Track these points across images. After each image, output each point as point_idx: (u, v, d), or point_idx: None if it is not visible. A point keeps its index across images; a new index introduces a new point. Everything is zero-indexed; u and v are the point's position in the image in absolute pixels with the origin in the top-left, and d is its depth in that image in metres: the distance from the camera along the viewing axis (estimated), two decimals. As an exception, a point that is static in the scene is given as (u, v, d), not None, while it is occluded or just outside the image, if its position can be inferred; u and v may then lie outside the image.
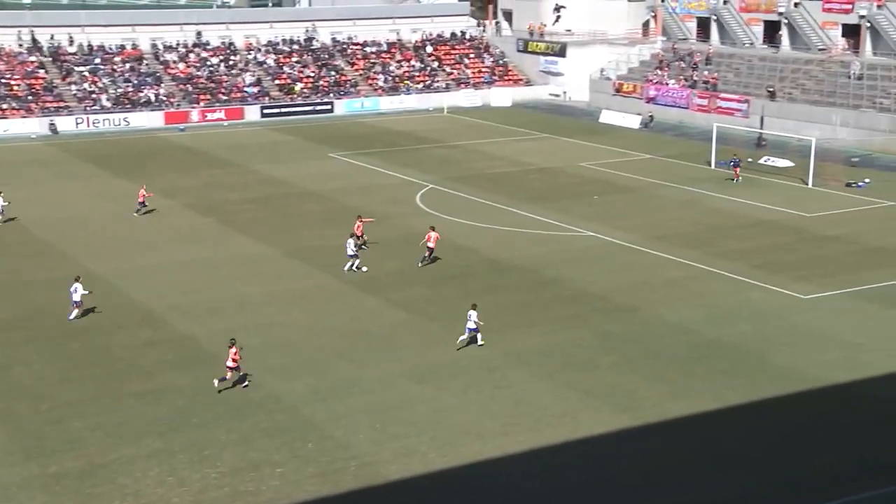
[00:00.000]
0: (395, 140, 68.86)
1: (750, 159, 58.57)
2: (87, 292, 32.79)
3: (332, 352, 30.28)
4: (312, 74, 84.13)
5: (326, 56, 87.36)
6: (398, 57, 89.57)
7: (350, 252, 37.47)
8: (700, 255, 40.01)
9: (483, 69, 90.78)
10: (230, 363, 27.56)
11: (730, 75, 75.77)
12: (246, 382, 27.83)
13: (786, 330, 31.69)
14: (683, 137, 69.56)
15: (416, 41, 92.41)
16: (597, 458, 24.19)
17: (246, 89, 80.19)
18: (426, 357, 29.77)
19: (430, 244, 38.38)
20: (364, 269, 37.67)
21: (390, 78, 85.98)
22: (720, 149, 59.11)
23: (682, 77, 77.51)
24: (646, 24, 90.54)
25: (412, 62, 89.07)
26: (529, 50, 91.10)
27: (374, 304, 34.50)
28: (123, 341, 31.18)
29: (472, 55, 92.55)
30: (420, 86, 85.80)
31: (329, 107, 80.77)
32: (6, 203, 45.87)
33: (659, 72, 79.62)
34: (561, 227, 44.68)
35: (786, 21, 78.45)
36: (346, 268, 37.47)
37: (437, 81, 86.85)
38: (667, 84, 77.82)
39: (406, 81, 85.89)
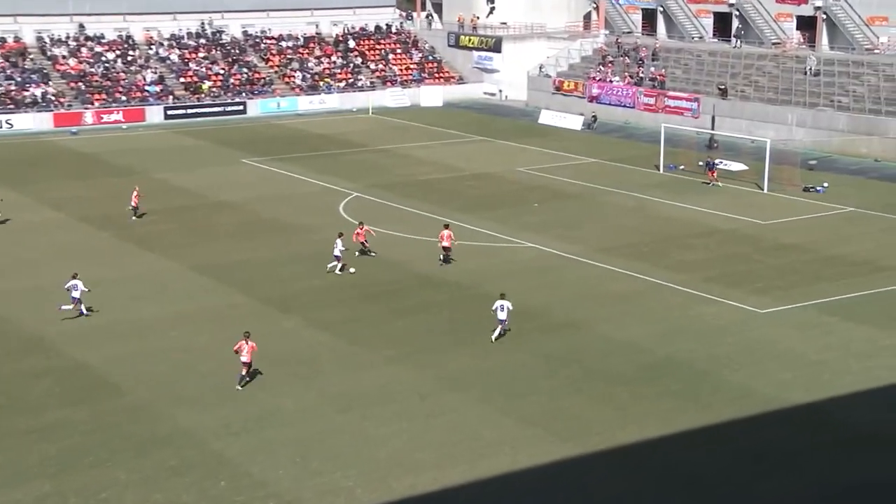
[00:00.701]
0: (315, 144, 68.60)
1: (701, 162, 59.65)
2: (86, 290, 34.57)
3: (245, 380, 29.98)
4: (222, 72, 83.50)
5: (237, 51, 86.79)
6: (317, 52, 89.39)
7: (337, 252, 39.14)
8: (649, 266, 40.59)
9: (411, 66, 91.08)
10: (245, 358, 29.09)
11: (678, 72, 77.16)
12: (252, 379, 29.50)
13: (741, 347, 32.29)
14: (629, 139, 70.58)
15: (338, 35, 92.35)
16: (539, 491, 24.32)
17: (147, 88, 79.22)
18: (351, 383, 29.67)
19: (445, 243, 40.07)
20: (352, 270, 39.32)
21: (309, 76, 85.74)
22: (669, 151, 60.09)
23: (627, 74, 78.71)
24: (587, 17, 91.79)
25: (333, 58, 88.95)
26: (461, 45, 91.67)
27: (294, 326, 34.29)
28: (7, 372, 30.49)
29: (399, 50, 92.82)
30: (342, 84, 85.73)
31: (241, 108, 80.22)
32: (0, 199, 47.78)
33: (602, 68, 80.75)
34: (498, 237, 44.93)
35: (737, 13, 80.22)
36: (328, 267, 39.36)
37: (361, 79, 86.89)
38: (611, 81, 78.95)
39: (326, 79, 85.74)
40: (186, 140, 69.63)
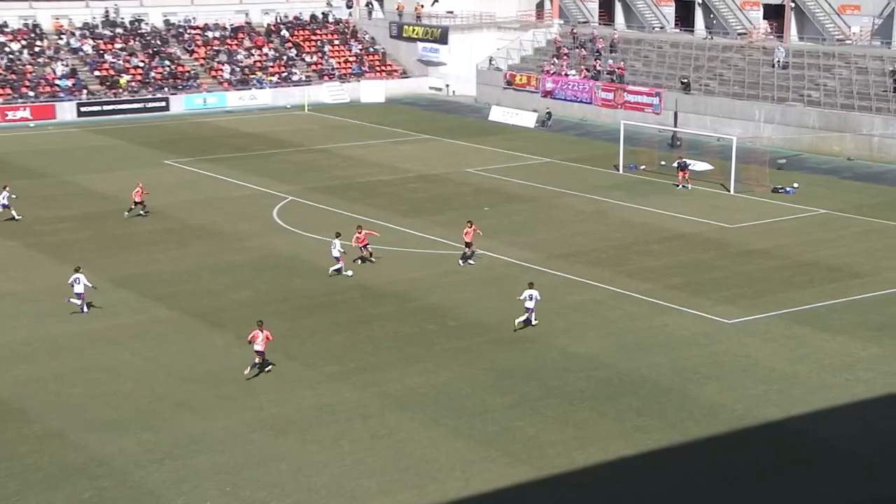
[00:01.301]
0: (245, 143, 68.23)
1: (663, 162, 60.26)
2: (91, 286, 36.33)
3: (171, 401, 29.71)
4: (142, 64, 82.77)
5: (159, 42, 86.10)
6: (247, 44, 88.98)
7: (336, 254, 40.24)
8: (609, 275, 40.90)
9: (350, 58, 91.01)
10: (259, 347, 30.73)
11: (638, 64, 77.92)
12: (269, 368, 31.28)
13: (708, 360, 32.64)
14: (586, 137, 71.09)
15: (269, 25, 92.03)
16: (494, 519, 24.37)
17: (57, 82, 78.22)
18: (287, 404, 29.52)
19: (467, 239, 41.26)
20: (349, 273, 40.28)
21: (238, 69, 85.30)
22: (629, 150, 60.63)
23: (583, 67, 79.33)
24: (540, 6, 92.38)
25: (265, 50, 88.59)
26: (405, 36, 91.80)
27: (224, 342, 34.05)
28: None
29: (336, 42, 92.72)
30: (275, 79, 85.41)
31: (163, 104, 79.60)
32: (13, 196, 48.91)
33: (557, 61, 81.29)
34: (446, 244, 45.00)
35: (700, 1, 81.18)
36: (330, 271, 40.47)
37: (296, 73, 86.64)
38: (566, 75, 79.49)
39: (258, 73, 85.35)
40: (102, 140, 68.87)
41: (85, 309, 36.30)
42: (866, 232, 47.23)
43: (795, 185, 55.24)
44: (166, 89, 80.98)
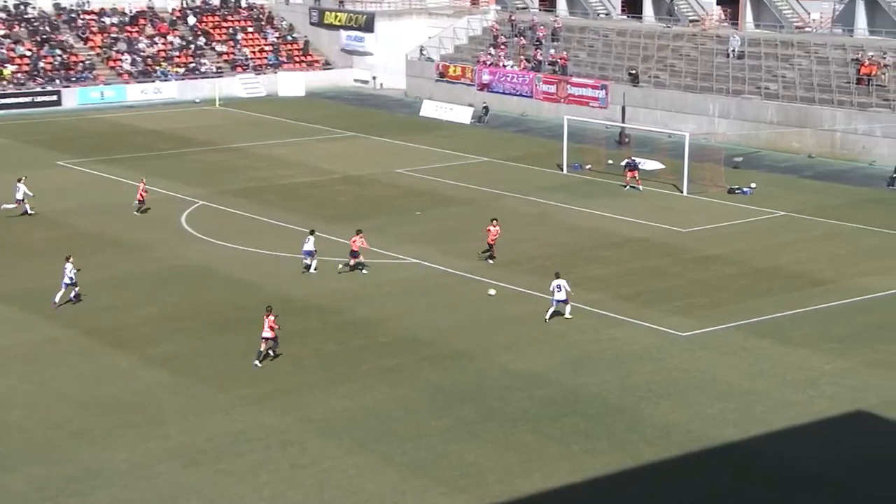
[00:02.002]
0: (149, 142, 67.60)
1: (611, 161, 60.74)
2: (77, 270, 38.42)
3: (66, 431, 29.30)
4: (29, 53, 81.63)
5: (48, 29, 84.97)
6: (150, 31, 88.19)
7: (308, 247, 41.94)
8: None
9: (266, 48, 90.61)
10: (267, 333, 32.93)
11: (582, 54, 78.51)
12: (276, 356, 33.44)
13: (661, 377, 32.92)
14: (527, 134, 71.43)
15: (175, 10, 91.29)
16: (429, 554, 24.36)
17: (-64, 74, 76.92)
18: (199, 431, 29.26)
19: (489, 240, 42.75)
20: (365, 270, 41.88)
21: (140, 59, 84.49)
22: (573, 148, 61.03)
23: (522, 57, 79.73)
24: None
25: (170, 38, 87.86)
26: (326, 23, 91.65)
27: (126, 363, 33.69)
28: None
29: (250, 29, 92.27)
30: (181, 70, 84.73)
31: (55, 98, 78.62)
32: (30, 195, 50.29)
33: (494, 51, 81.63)
34: (375, 252, 44.95)
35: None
36: (339, 268, 42.24)
37: (205, 64, 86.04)
38: (504, 66, 79.85)
39: (162, 64, 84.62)
40: (-11, 138, 67.88)
41: (74, 297, 38.17)
42: (829, 235, 47.99)
43: (753, 185, 55.95)
44: (58, 81, 79.96)
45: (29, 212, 49.88)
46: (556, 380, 32.49)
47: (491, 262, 43.12)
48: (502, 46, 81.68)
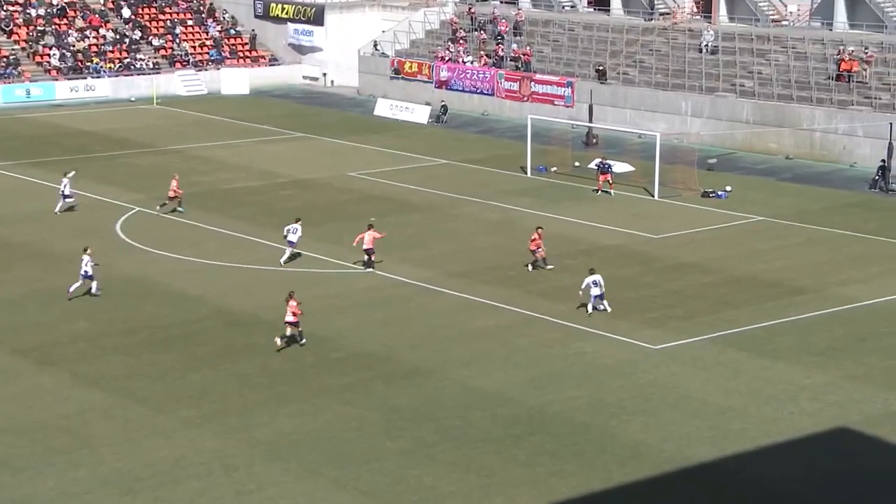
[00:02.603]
0: (81, 144, 67.16)
1: (577, 163, 60.95)
2: (96, 265, 40.23)
3: (-6, 456, 29.01)
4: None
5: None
6: (80, 24, 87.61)
7: (292, 238, 44.02)
8: (517, 295, 41.15)
9: (208, 42, 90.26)
10: (290, 318, 35.24)
11: (547, 49, 78.75)
12: (303, 340, 35.72)
13: (632, 393, 33.01)
14: (489, 135, 71.53)
15: (107, 1, 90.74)
16: (385, 586, 24.26)
17: None
18: (136, 456, 29.04)
19: (531, 247, 43.38)
20: (283, 260, 44.07)
21: (70, 54, 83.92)
22: (538, 150, 61.16)
23: (483, 53, 79.85)
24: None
25: (102, 31, 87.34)
26: (272, 15, 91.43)
27: (55, 384, 33.38)
28: None
29: (190, 22, 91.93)
30: (115, 66, 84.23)
31: (-22, 96, 77.94)
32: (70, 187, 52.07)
33: (452, 46, 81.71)
34: (326, 261, 44.82)
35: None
36: (282, 260, 44.24)
37: (141, 60, 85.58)
38: (463, 62, 79.94)
39: (94, 59, 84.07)
40: None
41: (94, 290, 40.28)
42: (808, 241, 48.36)
43: (728, 188, 56.26)
44: (-20, 79, 79.33)
45: (73, 207, 52.06)
46: (521, 398, 32.50)
47: (535, 266, 43.61)
48: (461, 41, 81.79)
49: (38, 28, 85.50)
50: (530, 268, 43.67)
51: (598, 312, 38.88)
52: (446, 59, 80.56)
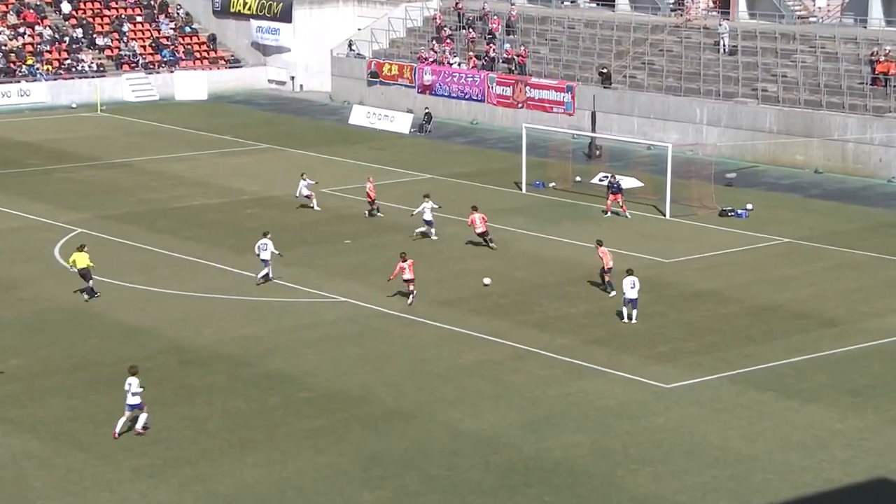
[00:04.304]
0: (13, 156, 67.07)
1: (579, 178, 61.01)
2: (277, 253, 45.32)
3: (-84, 512, 28.88)
4: None
5: None
6: (12, 20, 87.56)
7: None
8: (510, 326, 41.15)
9: (161, 41, 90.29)
10: (408, 275, 41.82)
11: (544, 50, 78.90)
12: (412, 298, 42.15)
13: (641, 439, 32.99)
14: (478, 146, 71.60)
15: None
16: None
17: None
18: (79, 511, 28.98)
19: (606, 264, 44.29)
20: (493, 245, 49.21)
21: (1, 54, 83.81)
22: (534, 162, 61.21)
23: (472, 54, 79.98)
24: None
25: (38, 29, 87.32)
26: (233, 11, 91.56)
27: (-11, 428, 33.28)
28: None
29: (140, 18, 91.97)
30: (54, 68, 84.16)
31: None
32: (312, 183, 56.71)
33: (438, 46, 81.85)
34: (295, 289, 44.77)
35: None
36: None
37: (84, 61, 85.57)
38: (450, 65, 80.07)
39: (30, 61, 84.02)
40: None
41: (261, 275, 45.32)
42: (840, 267, 48.43)
43: (749, 206, 56.36)
44: None
45: (315, 207, 55.96)
46: (515, 443, 32.48)
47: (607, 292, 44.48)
48: (448, 41, 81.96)
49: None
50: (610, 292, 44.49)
51: (602, 345, 38.88)
52: (430, 60, 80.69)
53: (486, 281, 45.05)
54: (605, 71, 72.99)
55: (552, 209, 56.83)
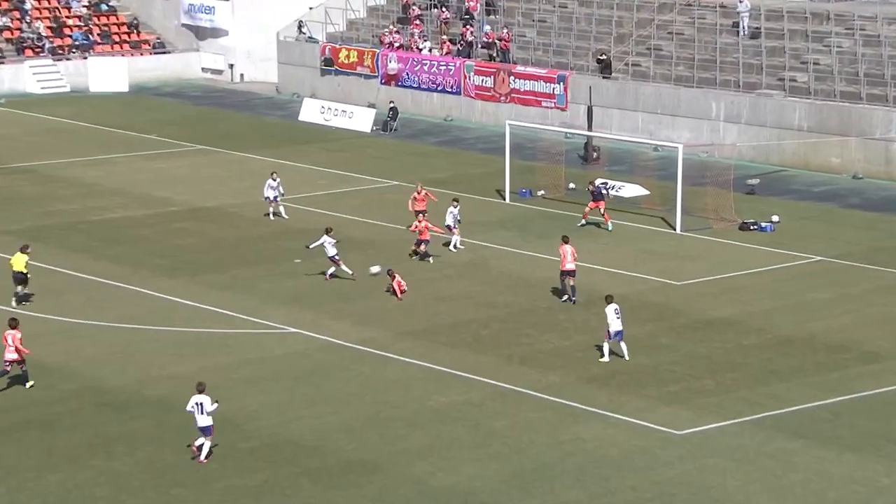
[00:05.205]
0: None
1: (572, 185, 60.98)
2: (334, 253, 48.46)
3: None
4: None
5: None
6: None
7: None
8: (492, 362, 41.13)
9: (70, 21, 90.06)
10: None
11: (531, 33, 78.99)
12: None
13: (648, 495, 32.97)
14: (453, 146, 71.64)
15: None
16: None
17: None
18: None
19: (563, 265, 46.40)
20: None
21: None
22: (520, 167, 61.20)
23: (446, 38, 80.00)
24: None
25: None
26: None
27: None
28: None
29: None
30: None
31: None
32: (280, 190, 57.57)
33: (404, 28, 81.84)
34: (236, 318, 44.66)
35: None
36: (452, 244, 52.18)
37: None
38: (419, 50, 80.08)
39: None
40: None
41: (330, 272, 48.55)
42: (883, 289, 48.53)
43: (775, 218, 56.49)
44: None
45: (283, 216, 57.00)
46: (497, 500, 32.47)
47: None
48: (416, 22, 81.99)
49: None
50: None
51: (602, 384, 38.95)
52: (396, 45, 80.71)
53: (374, 270, 47.49)
54: (603, 58, 73.08)
55: (541, 222, 56.80)
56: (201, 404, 34.25)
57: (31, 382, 38.81)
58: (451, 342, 42.83)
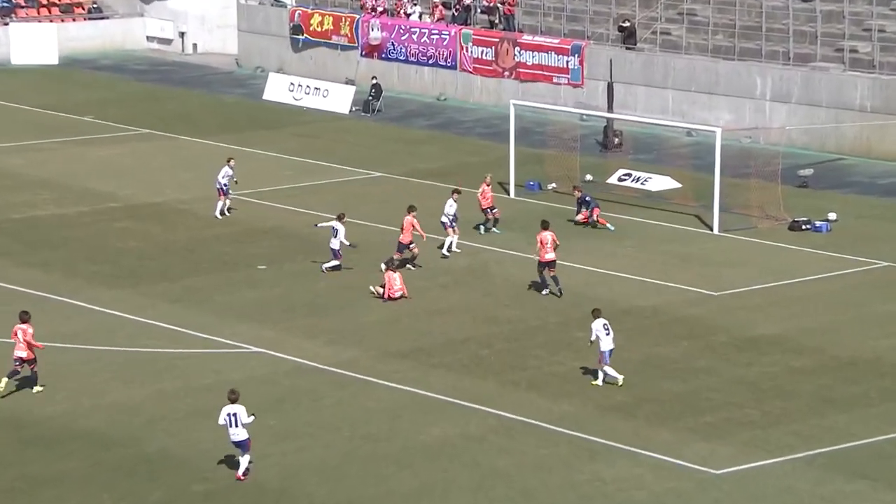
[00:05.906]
0: None
1: (589, 176, 61.00)
2: (349, 244, 50.45)
3: None
4: None
5: None
6: None
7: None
8: (494, 387, 41.17)
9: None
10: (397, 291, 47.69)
11: (541, -5, 79.08)
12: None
13: (681, 544, 33.16)
14: (448, 130, 71.75)
15: None
16: None
17: None
18: None
19: (542, 256, 47.79)
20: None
21: None
22: (528, 155, 61.24)
23: (438, 2, 79.95)
24: None
25: None
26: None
27: None
28: None
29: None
30: None
31: None
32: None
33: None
34: (190, 336, 44.67)
35: None
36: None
37: None
38: (407, 15, 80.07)
39: None
40: None
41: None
42: (962, 301, 48.70)
43: (832, 216, 56.53)
44: None
45: (227, 212, 57.86)
46: (503, 553, 32.58)
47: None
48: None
49: None
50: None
51: (626, 414, 38.98)
52: (379, 10, 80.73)
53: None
54: (626, 24, 73.12)
55: (552, 220, 56.75)
56: (235, 415, 34.71)
57: (39, 388, 39.51)
58: (445, 364, 42.86)
